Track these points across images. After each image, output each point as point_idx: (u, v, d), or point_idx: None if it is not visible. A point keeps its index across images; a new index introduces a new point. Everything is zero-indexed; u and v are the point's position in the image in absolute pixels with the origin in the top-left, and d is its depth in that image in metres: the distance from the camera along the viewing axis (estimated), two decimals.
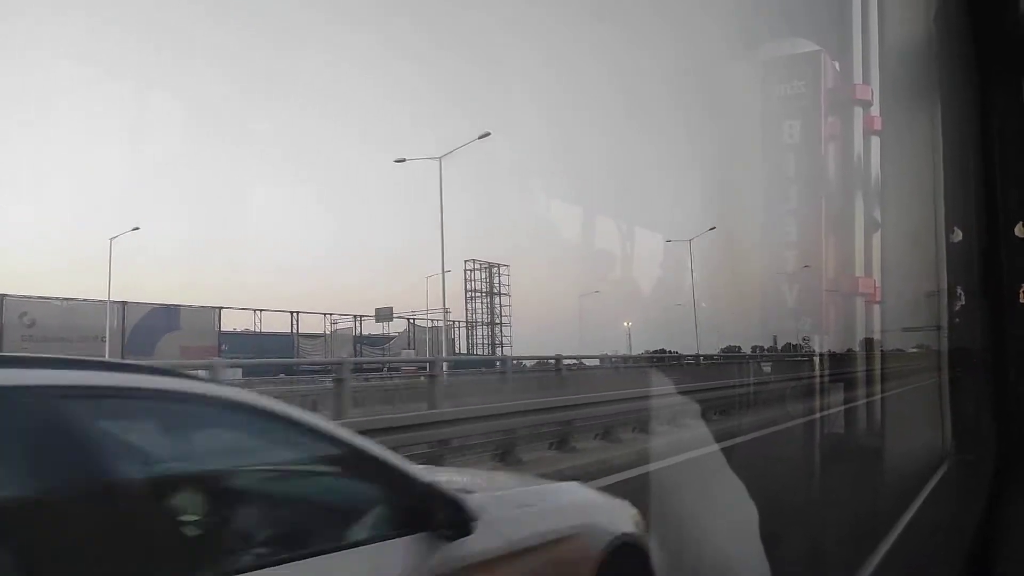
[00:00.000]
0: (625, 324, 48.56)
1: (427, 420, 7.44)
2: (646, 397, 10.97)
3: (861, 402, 11.27)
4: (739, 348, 35.51)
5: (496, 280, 54.56)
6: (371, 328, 47.95)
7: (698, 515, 4.16)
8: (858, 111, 50.41)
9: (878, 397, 10.48)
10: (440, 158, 27.89)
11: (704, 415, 11.31)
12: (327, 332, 45.31)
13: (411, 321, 48.51)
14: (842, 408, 11.92)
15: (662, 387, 11.50)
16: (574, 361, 16.71)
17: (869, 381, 11.93)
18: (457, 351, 50.12)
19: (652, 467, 8.57)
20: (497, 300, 54.39)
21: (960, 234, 3.65)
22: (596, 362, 17.52)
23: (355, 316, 46.40)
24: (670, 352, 27.27)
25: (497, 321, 54.46)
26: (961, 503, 3.71)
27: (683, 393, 11.82)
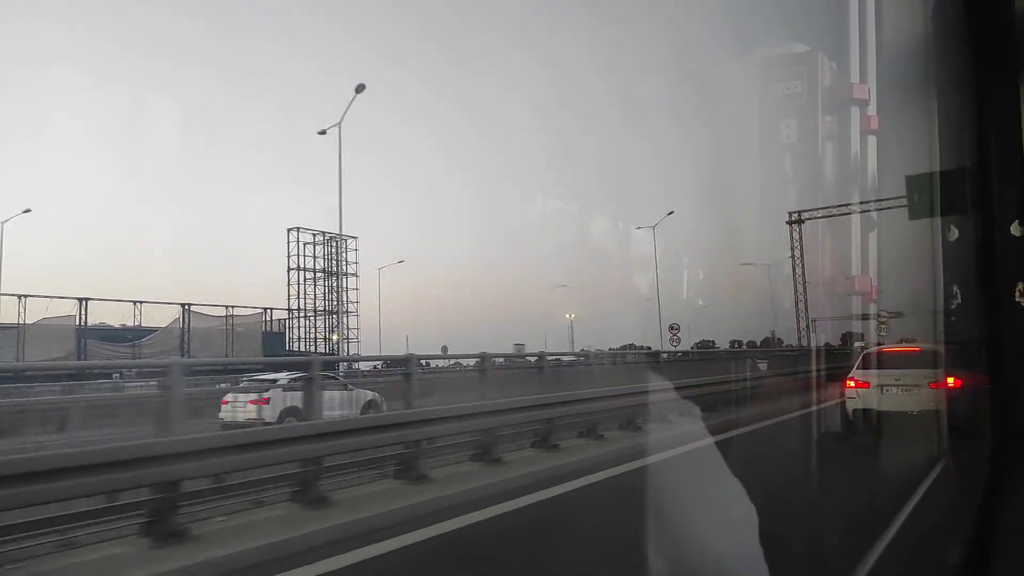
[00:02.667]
0: (567, 316, 44.99)
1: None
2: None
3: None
4: (712, 343, 35.48)
5: (342, 256, 40.97)
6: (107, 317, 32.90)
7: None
8: (855, 110, 50.40)
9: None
10: None
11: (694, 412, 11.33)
12: (22, 323, 30.57)
13: (185, 307, 34.97)
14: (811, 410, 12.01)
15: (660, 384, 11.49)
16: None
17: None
18: (292, 347, 38.47)
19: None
20: (343, 282, 40.68)
21: (956, 232, 3.66)
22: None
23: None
24: (643, 348, 26.62)
25: (342, 309, 40.97)
26: (958, 499, 3.73)
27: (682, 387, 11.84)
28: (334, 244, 41.82)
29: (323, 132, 31.55)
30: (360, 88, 30.38)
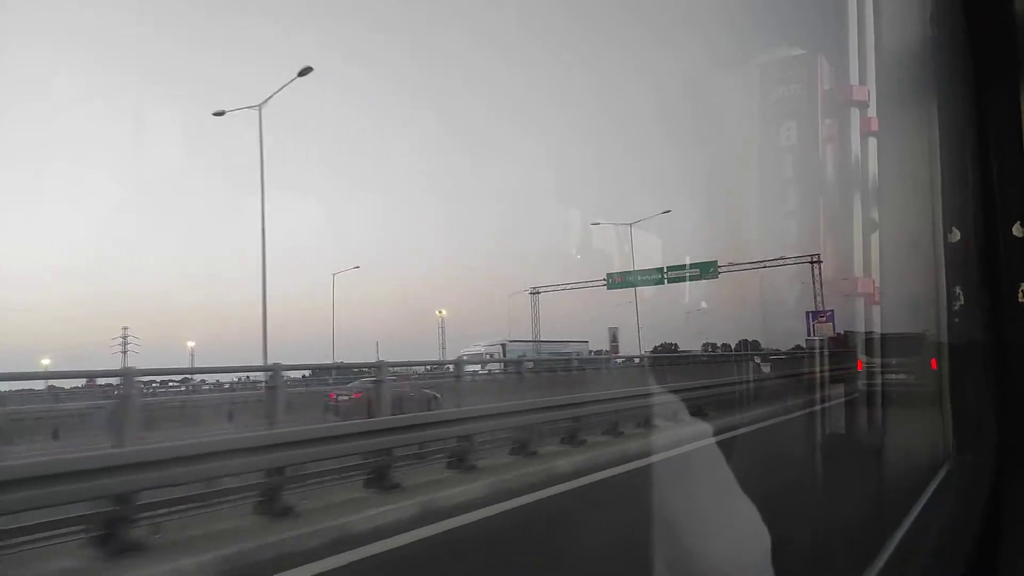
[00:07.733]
0: (438, 313, 38.28)
1: None
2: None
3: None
4: (675, 346, 35.62)
5: None
6: None
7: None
8: (855, 112, 50.31)
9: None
10: None
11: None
12: None
13: None
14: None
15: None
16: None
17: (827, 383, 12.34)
18: None
19: None
20: None
21: (958, 234, 3.65)
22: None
23: None
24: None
25: None
26: (963, 504, 3.70)
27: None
28: None
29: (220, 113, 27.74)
30: (305, 71, 27.28)
